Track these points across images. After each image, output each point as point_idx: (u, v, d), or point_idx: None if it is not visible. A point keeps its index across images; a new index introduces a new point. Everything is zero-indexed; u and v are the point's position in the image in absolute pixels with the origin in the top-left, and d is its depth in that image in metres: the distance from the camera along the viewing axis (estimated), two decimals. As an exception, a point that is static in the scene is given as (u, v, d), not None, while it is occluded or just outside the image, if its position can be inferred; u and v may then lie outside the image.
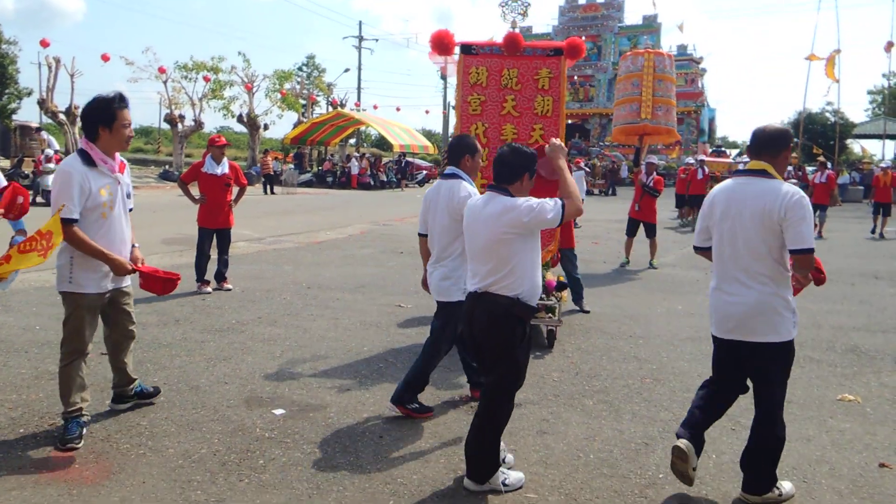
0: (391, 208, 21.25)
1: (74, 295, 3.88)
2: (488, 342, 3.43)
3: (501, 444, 3.57)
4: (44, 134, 24.92)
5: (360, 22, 60.02)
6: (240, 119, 35.61)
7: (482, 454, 3.42)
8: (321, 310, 7.30)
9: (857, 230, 17.33)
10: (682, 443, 3.41)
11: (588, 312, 7.47)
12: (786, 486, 3.49)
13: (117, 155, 4.01)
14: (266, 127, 37.41)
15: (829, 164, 17.70)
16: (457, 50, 6.27)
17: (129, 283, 4.17)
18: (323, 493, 3.41)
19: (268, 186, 27.08)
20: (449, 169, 4.51)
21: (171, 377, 5.01)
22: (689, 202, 17.83)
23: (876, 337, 6.73)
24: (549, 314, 6.11)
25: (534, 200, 3.31)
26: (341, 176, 33.34)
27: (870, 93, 57.67)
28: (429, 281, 4.51)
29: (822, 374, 5.54)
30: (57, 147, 23.94)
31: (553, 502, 3.41)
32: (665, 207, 17.29)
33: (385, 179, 34.12)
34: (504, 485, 3.44)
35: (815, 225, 14.95)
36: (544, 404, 4.73)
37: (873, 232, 16.44)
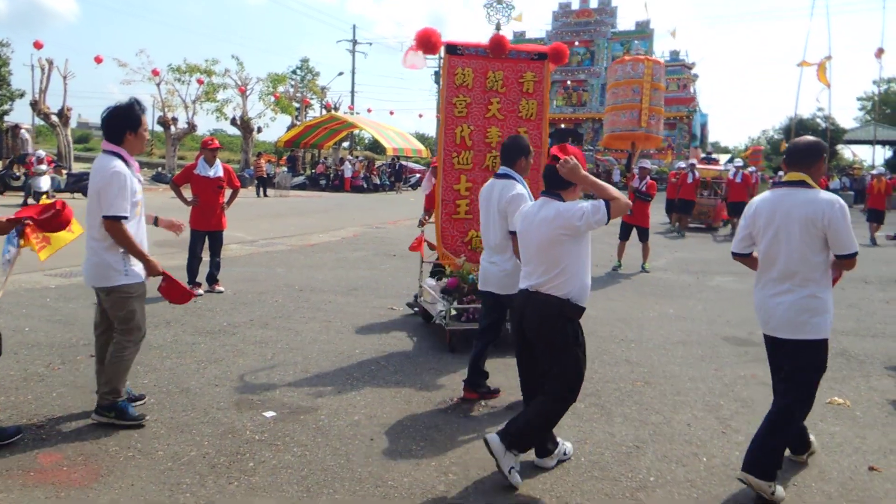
0: (384, 211, 21.24)
1: (132, 286, 4.12)
2: (540, 341, 3.60)
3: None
4: (23, 132, 24.74)
5: (355, 26, 60.40)
6: (233, 122, 35.52)
7: (530, 434, 3.60)
8: (313, 312, 7.28)
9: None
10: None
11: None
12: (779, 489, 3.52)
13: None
14: (259, 130, 37.36)
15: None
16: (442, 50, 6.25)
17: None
18: (313, 496, 3.40)
19: (261, 189, 27.02)
20: (503, 169, 4.76)
21: (162, 379, 4.99)
22: (679, 207, 17.59)
23: (865, 341, 6.76)
24: None
25: (585, 204, 3.47)
26: (334, 179, 33.29)
27: (860, 99, 58.15)
28: (487, 273, 4.78)
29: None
30: (31, 149, 23.58)
31: (544, 505, 3.40)
32: (658, 212, 17.35)
33: (378, 182, 34.12)
34: (565, 453, 3.85)
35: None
36: (536, 407, 4.72)
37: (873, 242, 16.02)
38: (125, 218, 3.99)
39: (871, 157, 38.94)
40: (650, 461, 3.93)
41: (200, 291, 7.92)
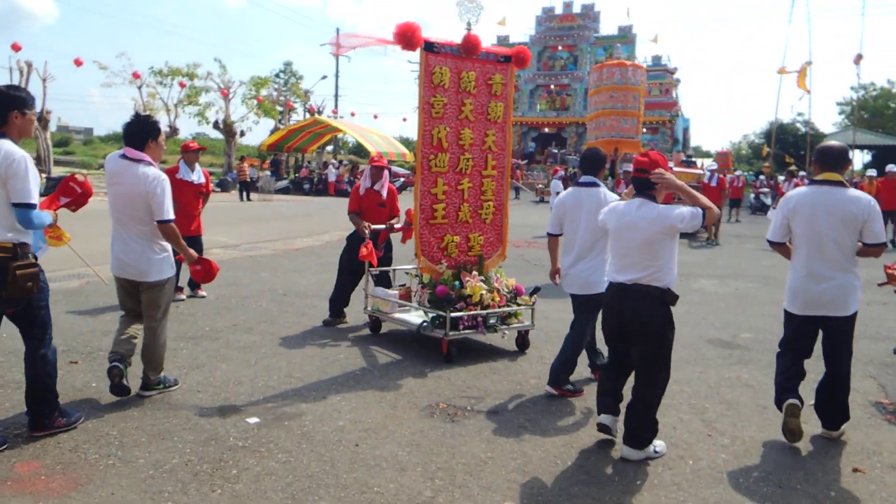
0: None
1: (172, 278, 4.77)
2: (642, 327, 3.96)
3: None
4: None
5: (338, 29, 59.85)
6: (216, 125, 35.29)
7: (645, 423, 3.97)
8: (297, 317, 7.22)
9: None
10: (795, 400, 4.24)
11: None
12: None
13: None
14: (242, 133, 37.14)
15: (798, 173, 17.77)
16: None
17: None
18: (298, 503, 3.35)
19: (244, 193, 26.84)
20: (587, 178, 5.15)
21: (143, 386, 4.91)
22: None
23: (848, 343, 6.80)
24: (519, 318, 6.22)
25: (684, 209, 3.87)
26: (318, 183, 33.15)
27: (839, 104, 58.88)
28: (570, 277, 5.10)
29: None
30: None
31: (531, 510, 3.38)
32: None
33: (363, 186, 33.99)
34: (655, 451, 4.00)
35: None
36: (522, 411, 4.71)
37: None
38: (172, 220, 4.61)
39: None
40: (637, 464, 3.92)
41: (183, 296, 7.83)
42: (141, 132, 4.58)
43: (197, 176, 7.97)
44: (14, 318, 3.90)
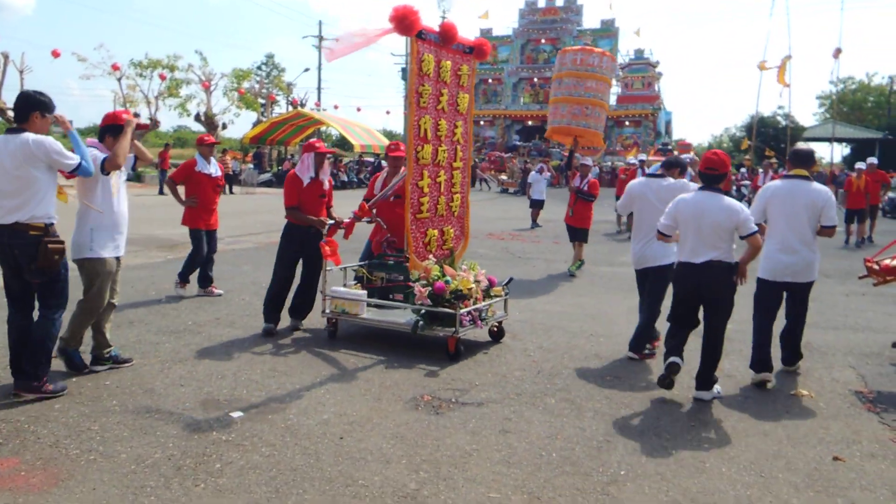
0: (350, 208, 20.97)
1: (93, 261, 4.82)
2: (716, 296, 4.89)
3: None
4: None
5: (321, 21, 59.26)
6: (197, 118, 34.94)
7: (712, 369, 4.94)
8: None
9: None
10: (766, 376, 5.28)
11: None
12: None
13: None
14: (224, 126, 36.78)
15: (777, 168, 17.57)
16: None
17: (122, 254, 5.08)
18: (282, 497, 3.34)
19: (226, 186, 26.63)
20: (654, 169, 6.16)
21: (124, 380, 4.86)
22: None
23: (827, 334, 6.89)
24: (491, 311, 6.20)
25: (747, 212, 4.89)
26: (301, 176, 32.93)
27: (819, 97, 59.47)
28: (642, 252, 5.90)
29: (777, 369, 5.66)
30: None
31: (516, 501, 3.39)
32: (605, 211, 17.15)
33: (346, 179, 33.86)
34: (718, 392, 4.97)
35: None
36: (507, 403, 4.72)
37: (847, 242, 14.63)
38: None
39: (829, 154, 39.85)
40: (620, 455, 3.94)
41: (183, 291, 7.70)
42: (24, 106, 4.40)
43: (214, 169, 7.87)
44: (39, 287, 4.45)
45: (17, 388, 4.41)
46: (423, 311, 5.72)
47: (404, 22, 5.48)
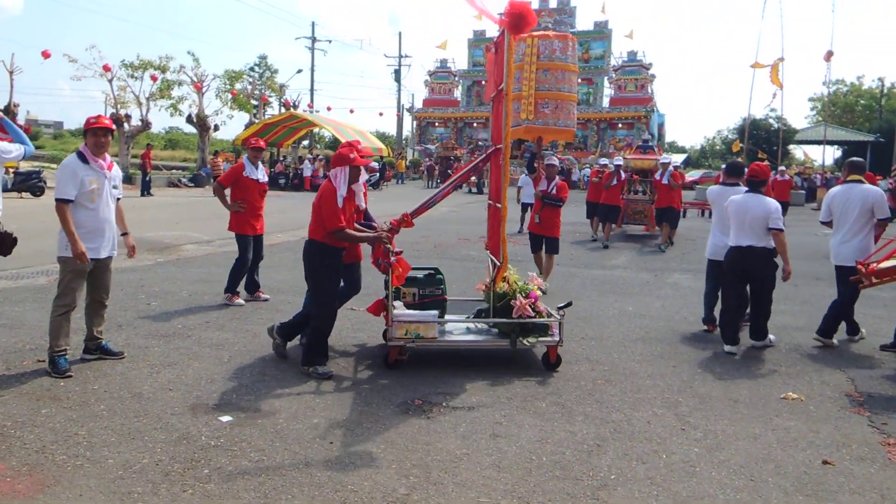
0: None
1: (66, 258, 4.98)
2: (760, 273, 6.28)
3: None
4: None
5: (313, 23, 58.88)
6: (189, 119, 34.81)
7: (763, 322, 6.39)
8: (271, 313, 7.14)
9: (800, 233, 17.77)
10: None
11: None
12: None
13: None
14: (216, 128, 36.66)
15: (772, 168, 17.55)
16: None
17: (112, 254, 5.27)
18: (271, 503, 3.32)
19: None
20: (732, 180, 7.26)
21: (112, 385, 4.83)
22: (602, 213, 14.63)
23: (818, 336, 6.90)
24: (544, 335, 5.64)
25: (779, 216, 6.22)
26: (294, 178, 32.89)
27: (811, 100, 59.80)
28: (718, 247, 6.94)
29: (767, 373, 5.67)
30: None
31: (505, 506, 3.38)
32: (575, 214, 16.91)
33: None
34: (770, 340, 6.49)
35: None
36: (497, 407, 4.71)
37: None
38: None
39: (821, 156, 40.05)
40: (611, 459, 3.94)
41: (241, 301, 7.59)
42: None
43: (261, 174, 7.77)
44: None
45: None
46: (521, 324, 5.51)
47: (518, 22, 5.20)
